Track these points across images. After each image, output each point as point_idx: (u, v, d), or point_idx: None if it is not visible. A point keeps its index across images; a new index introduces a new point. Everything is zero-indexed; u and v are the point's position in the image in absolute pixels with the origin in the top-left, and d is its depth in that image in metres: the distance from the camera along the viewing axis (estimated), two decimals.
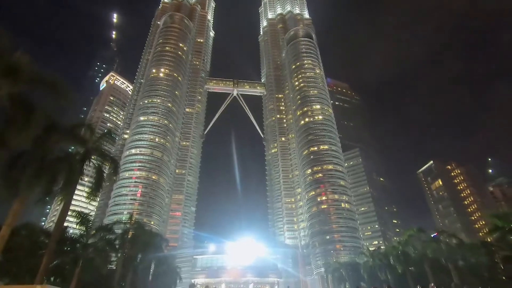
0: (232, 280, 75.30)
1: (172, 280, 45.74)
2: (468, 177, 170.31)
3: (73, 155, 19.24)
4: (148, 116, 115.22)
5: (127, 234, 33.55)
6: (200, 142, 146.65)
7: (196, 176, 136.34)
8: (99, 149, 20.02)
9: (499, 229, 30.30)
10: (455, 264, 36.36)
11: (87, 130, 20.13)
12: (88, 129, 20.29)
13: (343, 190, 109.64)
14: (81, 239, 26.70)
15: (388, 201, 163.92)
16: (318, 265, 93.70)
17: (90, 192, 20.31)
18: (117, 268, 30.54)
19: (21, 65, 12.47)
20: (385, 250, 50.24)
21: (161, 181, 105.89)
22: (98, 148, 20.08)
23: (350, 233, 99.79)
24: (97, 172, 20.07)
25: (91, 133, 20.27)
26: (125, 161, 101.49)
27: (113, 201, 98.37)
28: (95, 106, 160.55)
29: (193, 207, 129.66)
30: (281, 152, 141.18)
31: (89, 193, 20.42)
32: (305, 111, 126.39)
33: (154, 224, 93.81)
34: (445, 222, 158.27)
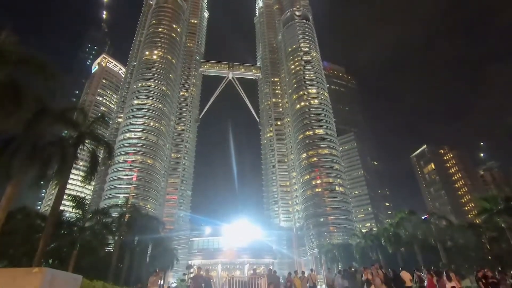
0: (228, 261, 77.06)
1: (169, 261, 46.66)
2: (460, 161, 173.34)
3: (66, 139, 19.01)
4: (142, 100, 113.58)
5: (124, 217, 33.83)
6: (195, 126, 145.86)
7: (191, 160, 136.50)
8: (93, 133, 19.78)
9: (487, 211, 31.27)
10: (444, 245, 37.63)
11: (79, 114, 19.80)
12: (80, 112, 19.97)
13: (338, 174, 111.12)
14: (78, 223, 26.89)
15: (381, 185, 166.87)
16: (312, 246, 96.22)
17: (85, 177, 20.23)
18: (115, 250, 30.98)
19: (7, 45, 12.04)
20: (377, 231, 51.59)
21: (156, 165, 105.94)
22: (92, 132, 19.83)
23: (343, 216, 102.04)
24: (91, 156, 19.91)
25: (84, 117, 19.96)
26: (119, 145, 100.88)
27: (109, 185, 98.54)
28: (87, 89, 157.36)
29: (189, 190, 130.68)
30: (276, 136, 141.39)
31: (84, 177, 20.35)
32: (301, 95, 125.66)
33: (151, 207, 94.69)
34: (435, 205, 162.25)
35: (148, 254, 39.73)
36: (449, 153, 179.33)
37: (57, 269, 7.89)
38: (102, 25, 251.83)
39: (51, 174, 17.80)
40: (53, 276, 7.23)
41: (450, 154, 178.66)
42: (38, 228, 25.60)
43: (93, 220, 27.94)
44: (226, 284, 9.88)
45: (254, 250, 78.43)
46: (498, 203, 29.96)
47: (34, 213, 28.69)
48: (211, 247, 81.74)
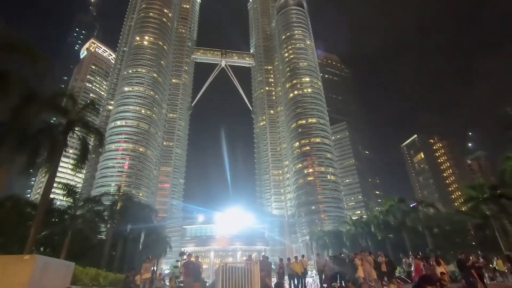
0: (220, 248, 78.05)
1: (162, 249, 47.02)
2: (449, 151, 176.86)
3: (56, 126, 18.61)
4: (133, 87, 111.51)
5: (116, 205, 33.69)
6: (187, 114, 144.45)
7: (184, 148, 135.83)
8: (83, 120, 19.37)
9: (473, 199, 32.20)
10: (431, 231, 38.78)
11: (68, 100, 19.31)
12: (69, 99, 19.47)
13: (330, 163, 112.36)
14: (69, 211, 26.69)
15: (372, 173, 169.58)
16: (303, 233, 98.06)
17: (76, 164, 19.94)
18: (107, 238, 30.99)
19: None
20: (367, 219, 52.76)
21: (148, 153, 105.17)
22: (82, 119, 19.41)
23: (334, 204, 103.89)
24: (81, 144, 19.57)
25: (74, 104, 19.49)
26: (110, 133, 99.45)
27: (100, 173, 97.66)
28: (76, 75, 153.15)
29: (181, 179, 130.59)
30: (269, 125, 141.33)
31: (74, 165, 20.06)
32: (294, 84, 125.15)
33: (143, 195, 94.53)
34: (424, 193, 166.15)
35: (141, 241, 39.87)
36: (438, 143, 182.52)
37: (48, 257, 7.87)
38: (90, 8, 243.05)
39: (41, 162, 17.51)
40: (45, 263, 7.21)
41: (439, 144, 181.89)
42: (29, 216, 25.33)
43: (85, 208, 27.74)
44: (219, 270, 10.00)
45: (246, 237, 79.49)
46: (484, 192, 30.84)
47: (24, 201, 28.30)
48: (204, 234, 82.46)
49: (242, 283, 9.60)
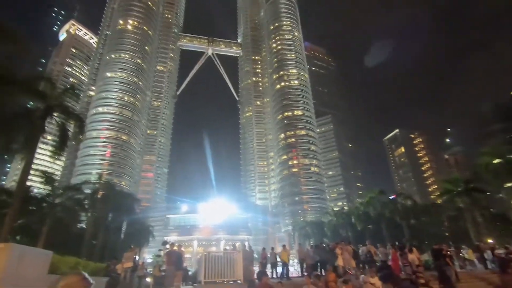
0: (204, 237, 78.28)
1: (144, 238, 46.69)
2: (428, 145, 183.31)
3: (33, 111, 17.81)
4: (116, 73, 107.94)
5: (97, 194, 32.99)
6: (172, 103, 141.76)
7: (168, 137, 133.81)
8: (62, 105, 18.60)
9: (448, 192, 33.69)
10: (408, 222, 40.42)
11: (47, 84, 18.45)
12: (48, 82, 18.60)
13: (314, 155, 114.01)
14: (47, 199, 25.91)
15: (355, 166, 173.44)
16: (286, 223, 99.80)
17: (54, 151, 19.24)
18: (88, 227, 30.44)
19: None
20: (348, 210, 54.31)
21: (131, 142, 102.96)
22: (61, 104, 18.63)
23: (317, 195, 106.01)
24: (60, 130, 18.85)
25: (52, 88, 18.65)
26: (92, 119, 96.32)
27: (81, 160, 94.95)
28: (55, 58, 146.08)
29: (165, 168, 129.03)
30: (255, 115, 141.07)
31: (53, 152, 19.36)
32: (281, 75, 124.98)
33: (125, 184, 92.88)
34: (403, 186, 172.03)
35: (123, 231, 39.40)
36: (418, 138, 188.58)
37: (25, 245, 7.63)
38: None
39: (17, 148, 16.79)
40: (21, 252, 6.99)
41: (419, 139, 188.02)
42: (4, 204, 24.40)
43: (64, 196, 26.99)
44: (202, 259, 10.05)
45: (230, 227, 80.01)
46: (459, 185, 32.29)
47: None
48: (187, 224, 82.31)
49: (225, 272, 9.70)
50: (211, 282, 9.52)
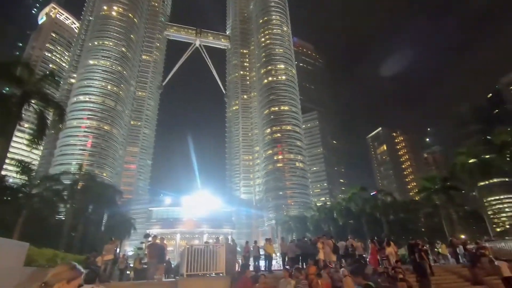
0: (187, 230, 77.97)
1: (126, 230, 45.87)
2: (409, 144, 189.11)
3: (9, 97, 16.99)
4: (99, 61, 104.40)
5: (77, 185, 32.06)
6: (157, 94, 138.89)
7: (152, 129, 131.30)
8: (41, 92, 17.84)
9: (426, 190, 34.99)
10: (387, 218, 41.78)
11: (24, 69, 17.64)
12: (25, 68, 17.78)
13: (299, 151, 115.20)
14: (24, 189, 24.95)
15: (338, 162, 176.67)
16: (270, 218, 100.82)
17: (32, 140, 18.50)
18: (67, 218, 29.60)
19: None
20: (331, 205, 55.46)
21: (114, 132, 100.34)
22: (40, 91, 17.86)
23: (301, 190, 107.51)
24: (39, 118, 18.09)
25: (30, 73, 17.84)
26: (72, 108, 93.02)
27: (60, 150, 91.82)
28: (34, 42, 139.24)
29: (149, 160, 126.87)
30: (242, 109, 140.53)
31: (30, 140, 18.61)
32: (269, 70, 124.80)
33: (107, 176, 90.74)
34: (384, 183, 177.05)
35: (103, 223, 38.61)
36: (400, 137, 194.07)
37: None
38: None
39: None
40: None
41: (401, 137, 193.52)
42: None
43: (42, 186, 26.06)
44: (184, 252, 10.02)
45: (213, 221, 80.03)
46: (436, 183, 33.59)
47: None
48: (170, 217, 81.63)
49: (208, 265, 9.72)
50: (194, 275, 9.52)
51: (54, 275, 2.08)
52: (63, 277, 2.09)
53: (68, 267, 2.16)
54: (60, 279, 2.07)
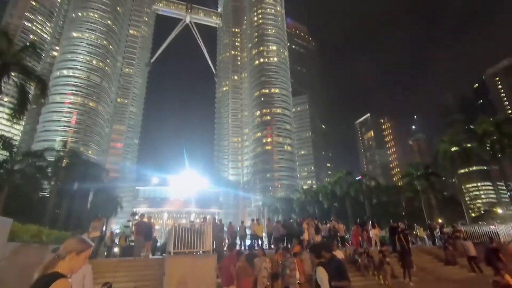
0: (174, 210, 78.33)
1: (112, 208, 45.79)
2: (395, 131, 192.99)
3: None
4: (83, 33, 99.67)
5: (61, 162, 31.36)
6: (145, 71, 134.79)
7: (140, 107, 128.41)
8: (21, 64, 16.97)
9: (409, 175, 36.16)
10: (370, 202, 43.17)
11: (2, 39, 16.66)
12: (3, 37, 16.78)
13: (288, 134, 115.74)
14: (5, 165, 24.25)
15: (326, 147, 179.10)
16: (257, 199, 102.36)
17: (12, 115, 17.77)
18: (51, 195, 29.16)
19: None
20: (317, 188, 56.65)
21: (99, 109, 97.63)
22: (20, 62, 16.99)
23: (288, 173, 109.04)
24: (19, 91, 17.30)
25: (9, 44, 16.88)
26: (55, 83, 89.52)
27: (43, 126, 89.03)
28: (12, 10, 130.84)
29: (136, 139, 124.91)
30: (232, 90, 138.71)
31: (10, 115, 17.88)
32: (261, 51, 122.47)
33: (92, 153, 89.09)
34: (369, 168, 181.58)
35: (89, 200, 38.29)
36: (387, 123, 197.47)
37: None
38: None
39: None
40: None
41: (388, 124, 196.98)
42: None
43: (24, 162, 25.40)
44: (171, 230, 10.11)
45: (201, 201, 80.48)
46: (419, 169, 34.70)
47: None
48: (157, 196, 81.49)
49: (195, 243, 9.86)
50: (181, 253, 9.67)
51: (64, 247, 2.17)
52: (73, 249, 2.17)
53: (77, 240, 2.25)
54: (70, 251, 2.16)
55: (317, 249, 4.33)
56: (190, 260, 9.55)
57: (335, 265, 4.34)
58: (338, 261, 4.57)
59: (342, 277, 4.28)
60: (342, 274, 4.32)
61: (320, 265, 3.80)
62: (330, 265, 4.26)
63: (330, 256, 4.44)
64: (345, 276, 4.42)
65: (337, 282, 4.06)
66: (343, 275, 4.36)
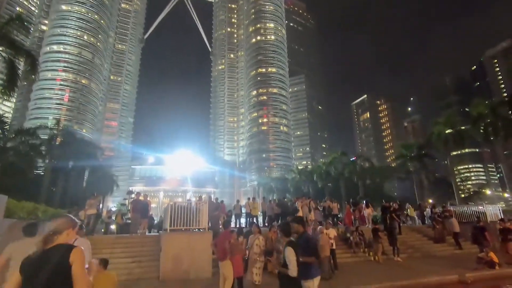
0: (170, 189, 79.07)
1: (108, 187, 45.94)
2: (391, 112, 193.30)
3: None
4: (73, 6, 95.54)
5: (55, 140, 31.04)
6: (139, 47, 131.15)
7: (134, 85, 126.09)
8: (8, 38, 16.31)
9: (402, 157, 36.59)
10: (364, 182, 43.92)
11: None
12: None
13: (284, 114, 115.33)
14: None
15: (322, 127, 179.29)
16: (252, 179, 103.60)
17: (2, 91, 17.29)
18: (46, 173, 29.09)
19: None
20: (311, 169, 57.28)
21: (92, 87, 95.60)
22: (7, 36, 16.31)
23: (284, 154, 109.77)
24: (8, 67, 16.73)
25: None
26: (45, 58, 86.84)
27: (35, 103, 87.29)
28: None
29: (130, 118, 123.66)
30: (228, 69, 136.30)
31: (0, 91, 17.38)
32: (258, 28, 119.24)
33: (87, 132, 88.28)
34: (364, 149, 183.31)
35: (85, 179, 38.33)
36: (384, 105, 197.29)
37: None
38: None
39: None
40: None
41: (384, 106, 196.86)
42: None
43: (17, 140, 25.06)
44: (168, 208, 10.25)
45: (196, 180, 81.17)
46: (412, 151, 35.10)
47: None
48: (153, 175, 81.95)
49: (191, 221, 10.03)
50: (177, 230, 9.85)
51: (60, 224, 2.32)
52: (69, 225, 2.37)
53: (69, 218, 2.43)
54: (67, 227, 2.34)
55: (286, 227, 4.39)
56: (186, 236, 9.75)
57: (304, 241, 4.42)
58: (307, 237, 4.67)
59: (310, 253, 4.36)
60: (310, 250, 4.41)
61: (289, 245, 3.86)
62: (299, 240, 4.34)
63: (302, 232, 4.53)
64: (313, 252, 4.51)
65: (304, 257, 4.12)
66: (311, 251, 4.46)
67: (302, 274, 3.91)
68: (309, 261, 4.26)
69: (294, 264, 3.73)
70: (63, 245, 2.22)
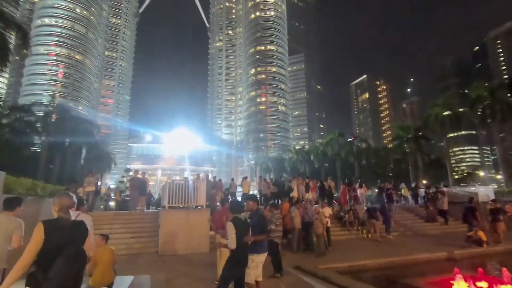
0: (168, 167, 79.56)
1: (106, 164, 46.05)
2: (390, 93, 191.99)
3: None
4: None
5: (50, 117, 30.69)
6: (134, 23, 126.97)
7: (130, 61, 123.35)
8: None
9: (399, 138, 36.75)
10: (359, 163, 44.40)
11: None
12: None
13: (282, 94, 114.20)
14: None
15: (320, 108, 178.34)
16: (250, 158, 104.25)
17: None
18: (43, 151, 29.01)
19: None
20: (308, 149, 57.56)
21: (87, 62, 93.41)
22: None
23: (281, 133, 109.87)
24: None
25: None
26: (37, 32, 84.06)
27: (28, 79, 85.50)
28: None
29: (127, 95, 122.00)
30: (226, 46, 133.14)
31: None
32: (257, 3, 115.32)
33: (82, 109, 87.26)
34: (361, 130, 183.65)
35: (82, 156, 38.35)
36: (383, 85, 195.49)
37: None
38: None
39: None
40: None
41: (383, 86, 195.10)
42: None
43: (12, 117, 24.78)
44: (166, 186, 10.37)
45: (194, 159, 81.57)
46: (409, 132, 35.20)
47: None
48: (151, 153, 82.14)
49: (188, 199, 10.19)
50: (175, 207, 10.02)
51: (57, 204, 2.46)
52: (72, 202, 2.54)
53: (68, 195, 2.56)
54: (72, 204, 2.54)
55: (234, 205, 4.53)
56: (184, 213, 9.95)
57: (256, 218, 4.61)
58: (259, 214, 4.85)
59: (261, 231, 4.55)
60: (262, 227, 4.59)
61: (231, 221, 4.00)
62: (252, 218, 4.53)
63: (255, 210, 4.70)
64: (264, 229, 4.73)
65: (255, 236, 4.30)
66: (263, 229, 4.66)
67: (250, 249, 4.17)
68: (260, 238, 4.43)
69: (233, 237, 3.89)
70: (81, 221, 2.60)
